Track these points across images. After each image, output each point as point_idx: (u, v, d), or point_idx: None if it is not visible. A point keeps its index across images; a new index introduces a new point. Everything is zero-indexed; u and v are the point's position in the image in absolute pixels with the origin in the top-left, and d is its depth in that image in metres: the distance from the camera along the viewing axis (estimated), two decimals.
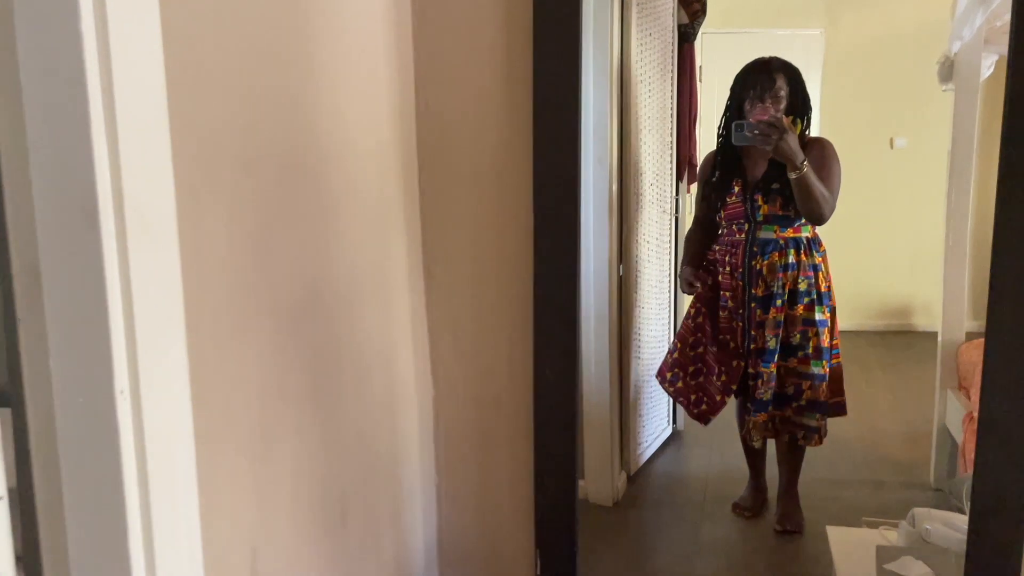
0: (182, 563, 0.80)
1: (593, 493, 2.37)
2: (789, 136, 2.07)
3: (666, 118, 2.68)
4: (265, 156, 1.07)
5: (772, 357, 2.21)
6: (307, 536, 1.19)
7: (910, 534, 1.66)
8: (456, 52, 1.58)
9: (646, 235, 2.58)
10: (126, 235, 0.70)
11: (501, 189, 1.60)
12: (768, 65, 2.24)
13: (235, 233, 1.00)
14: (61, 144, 0.69)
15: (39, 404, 0.75)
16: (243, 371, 1.02)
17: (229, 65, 0.98)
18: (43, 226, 0.71)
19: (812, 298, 2.22)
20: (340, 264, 1.29)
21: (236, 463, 1.00)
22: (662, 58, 2.61)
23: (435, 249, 1.64)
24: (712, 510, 2.38)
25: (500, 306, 1.63)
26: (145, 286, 0.72)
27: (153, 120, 0.74)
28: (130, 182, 0.70)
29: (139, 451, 0.74)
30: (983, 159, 2.16)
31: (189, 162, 0.87)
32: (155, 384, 0.75)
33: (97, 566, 0.77)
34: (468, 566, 1.73)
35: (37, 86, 0.69)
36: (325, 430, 1.24)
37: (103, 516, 0.75)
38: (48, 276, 0.71)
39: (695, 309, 2.39)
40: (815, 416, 2.23)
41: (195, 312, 0.88)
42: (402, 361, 1.57)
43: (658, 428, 2.76)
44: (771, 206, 2.23)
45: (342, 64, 1.30)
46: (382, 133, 1.46)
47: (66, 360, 0.72)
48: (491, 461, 1.69)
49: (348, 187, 1.32)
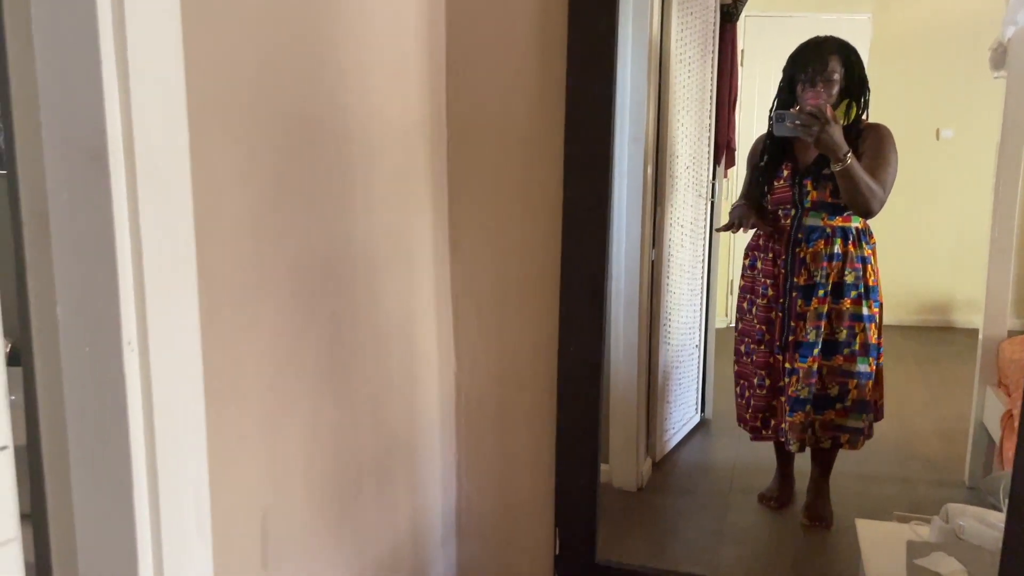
0: (188, 519, 0.79)
1: (617, 478, 2.35)
2: (832, 127, 2.01)
3: (705, 100, 2.63)
4: (285, 112, 1.05)
5: (810, 351, 2.15)
6: (320, 504, 1.17)
7: (943, 530, 1.61)
8: (490, 21, 1.55)
9: (680, 219, 2.53)
10: (136, 181, 0.68)
11: (532, 163, 1.57)
12: (822, 46, 2.17)
13: (252, 189, 0.98)
14: (71, 87, 0.67)
15: (46, 356, 0.74)
16: (257, 334, 1.01)
17: (250, 14, 0.96)
18: (51, 171, 0.69)
19: (860, 292, 2.15)
20: (361, 231, 1.27)
21: (246, 425, 0.99)
22: (703, 39, 2.56)
23: (462, 222, 1.62)
24: (738, 500, 2.34)
25: (527, 282, 1.60)
26: (155, 234, 0.71)
27: (167, 64, 0.72)
28: (141, 126, 0.68)
29: (146, 405, 0.72)
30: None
31: (206, 114, 0.86)
32: (164, 336, 0.73)
33: (102, 522, 0.76)
34: (486, 542, 1.72)
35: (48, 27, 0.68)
36: (341, 398, 1.23)
37: (108, 471, 0.74)
38: (56, 223, 0.70)
39: (743, 304, 2.33)
40: (861, 417, 2.17)
41: (209, 270, 0.86)
42: (424, 334, 1.55)
43: (686, 415, 2.72)
44: (820, 192, 2.16)
45: (370, 26, 1.27)
46: (410, 101, 1.44)
47: (73, 309, 0.70)
48: (512, 438, 1.67)
49: (371, 153, 1.29)
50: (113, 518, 0.74)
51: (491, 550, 1.72)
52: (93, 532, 0.74)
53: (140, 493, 0.73)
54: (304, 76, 1.09)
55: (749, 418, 2.30)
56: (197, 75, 0.81)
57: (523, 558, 1.72)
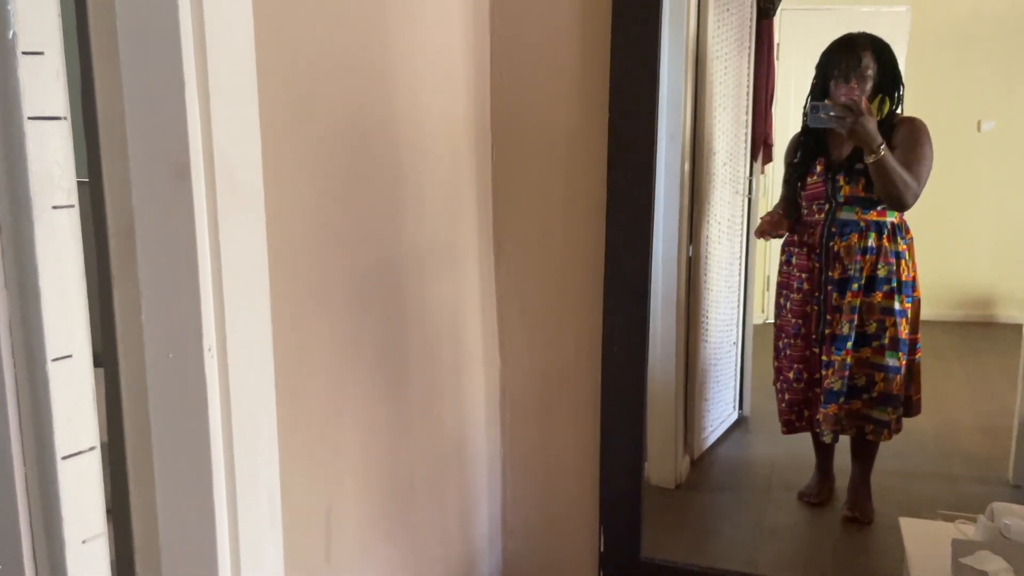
0: (263, 516, 0.82)
1: (656, 475, 2.35)
2: (866, 119, 2.03)
3: (742, 96, 2.62)
4: (343, 125, 1.08)
5: (845, 344, 2.16)
6: (378, 502, 1.21)
7: (988, 529, 1.61)
8: (533, 24, 1.57)
9: (717, 215, 2.53)
10: (216, 196, 0.72)
11: (574, 163, 1.59)
12: (854, 42, 2.18)
13: (313, 200, 1.01)
14: (156, 107, 0.70)
15: (131, 361, 0.78)
16: (318, 338, 1.04)
17: (311, 32, 0.99)
18: (137, 187, 0.73)
19: (892, 286, 2.16)
20: (411, 234, 1.31)
21: (310, 426, 1.02)
22: (739, 34, 2.55)
23: (506, 221, 1.64)
24: (777, 497, 2.34)
25: (569, 280, 1.62)
26: (233, 246, 0.74)
27: (244, 83, 0.75)
28: (221, 144, 0.71)
29: (224, 407, 0.76)
30: None
31: (273, 129, 0.89)
32: (241, 342, 0.77)
33: (184, 516, 0.80)
34: (531, 538, 1.74)
35: (133, 45, 0.71)
36: (394, 399, 1.26)
37: (190, 468, 0.78)
38: (141, 236, 0.73)
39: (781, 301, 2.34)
40: (887, 410, 2.17)
41: (276, 278, 0.90)
42: (470, 333, 1.58)
43: (724, 412, 2.72)
44: (853, 187, 2.17)
45: (418, 34, 1.30)
46: (456, 106, 1.46)
47: (157, 317, 0.74)
48: (557, 436, 1.70)
49: (420, 158, 1.32)
50: (194, 513, 0.78)
51: (536, 548, 1.75)
52: (175, 526, 0.78)
53: (219, 489, 0.76)
54: (360, 88, 1.12)
55: (784, 411, 2.31)
56: (265, 92, 0.84)
57: (568, 556, 1.74)
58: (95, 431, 0.73)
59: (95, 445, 0.73)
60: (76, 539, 0.72)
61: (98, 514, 0.74)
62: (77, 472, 0.71)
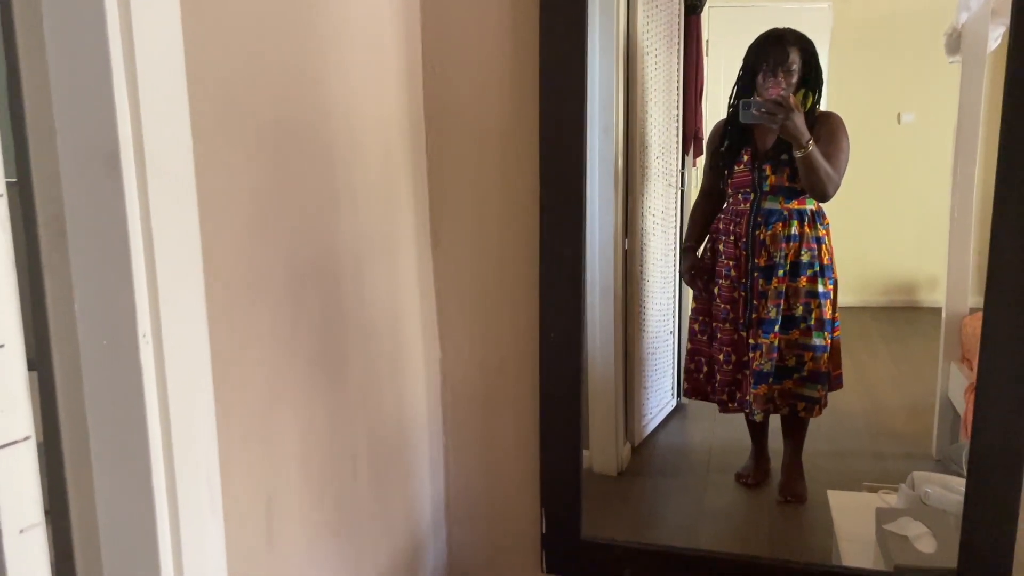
0: (203, 503, 0.83)
1: (597, 463, 2.40)
2: (795, 115, 2.11)
3: (672, 91, 2.68)
4: (273, 118, 1.09)
5: (772, 327, 2.25)
6: (319, 489, 1.22)
7: (909, 497, 1.69)
8: (463, 18, 1.59)
9: (651, 208, 2.59)
10: (147, 184, 0.73)
11: (508, 155, 1.62)
12: (782, 38, 2.26)
13: (247, 193, 1.02)
14: (83, 94, 0.71)
15: (65, 351, 0.78)
16: (255, 328, 1.05)
17: (238, 23, 1.00)
18: (67, 177, 0.73)
19: (815, 270, 2.25)
20: (347, 227, 1.32)
21: (247, 415, 1.03)
22: (668, 30, 2.61)
23: (442, 213, 1.66)
24: (716, 480, 2.40)
25: (506, 271, 1.65)
26: (165, 233, 0.75)
27: (171, 72, 0.76)
28: (150, 130, 0.72)
29: (161, 394, 0.77)
30: (989, 132, 2.16)
31: (202, 121, 0.89)
32: (176, 328, 0.77)
33: (121, 508, 0.80)
34: (475, 524, 1.76)
35: (60, 39, 0.71)
36: (332, 389, 1.27)
37: (127, 457, 0.78)
38: (72, 225, 0.73)
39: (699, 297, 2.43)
40: (816, 387, 2.27)
41: (210, 268, 0.90)
42: (409, 324, 1.59)
43: (662, 401, 2.78)
44: (778, 177, 2.26)
45: (349, 29, 1.31)
46: (389, 98, 1.48)
47: (90, 306, 0.74)
48: (498, 423, 1.72)
49: (353, 151, 1.34)
50: (133, 500, 0.78)
51: (480, 532, 1.77)
52: (114, 515, 0.78)
53: (158, 475, 0.77)
54: (289, 81, 1.13)
55: (716, 392, 2.39)
56: (193, 84, 0.85)
57: (512, 540, 1.77)
58: (29, 420, 0.73)
59: (29, 435, 0.73)
60: (13, 529, 0.72)
61: (35, 503, 0.74)
62: (11, 461, 0.71)
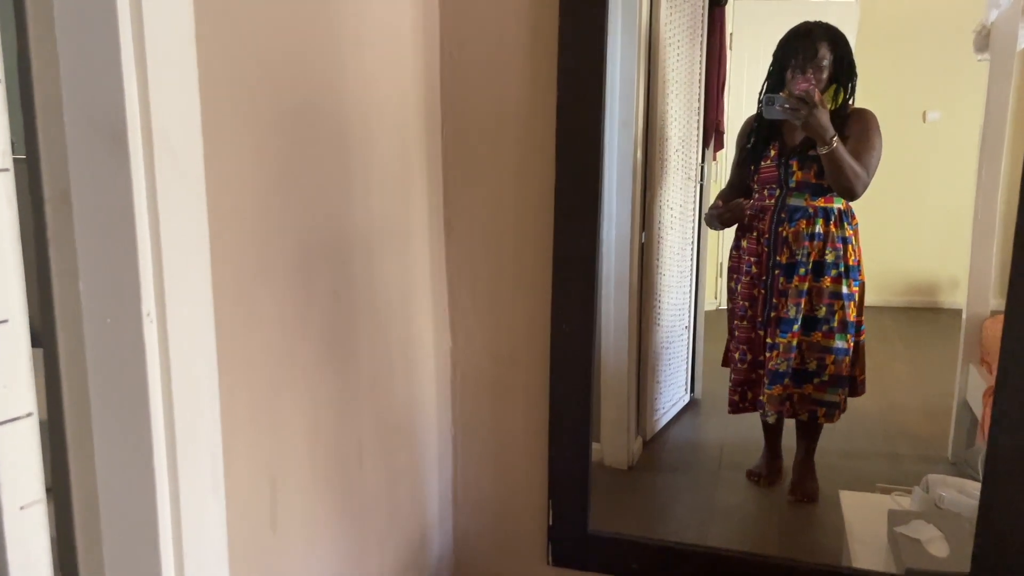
0: (205, 487, 0.83)
1: (608, 456, 2.39)
2: (819, 111, 2.08)
3: (694, 84, 2.66)
4: (289, 101, 1.08)
5: (790, 327, 2.22)
6: (324, 475, 1.22)
7: (923, 500, 1.67)
8: (482, 4, 1.58)
9: (670, 202, 2.57)
10: (154, 161, 0.72)
11: (524, 144, 1.60)
12: (811, 32, 2.23)
13: (258, 173, 1.02)
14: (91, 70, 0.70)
15: (69, 328, 0.78)
16: (263, 310, 1.05)
17: (257, 12, 0.99)
18: (74, 153, 0.73)
19: (840, 271, 2.22)
20: (360, 212, 1.31)
21: (254, 396, 1.03)
22: (692, 23, 2.59)
23: (456, 201, 1.65)
24: (727, 477, 2.39)
25: (519, 260, 1.64)
26: (172, 211, 0.74)
27: (181, 48, 0.76)
28: (158, 107, 0.71)
29: (164, 373, 0.76)
30: (1016, 132, 2.13)
31: (215, 102, 0.89)
32: (180, 308, 0.77)
33: (123, 486, 0.80)
34: (482, 514, 1.76)
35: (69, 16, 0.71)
36: (341, 373, 1.27)
37: (129, 435, 0.78)
38: (78, 201, 0.73)
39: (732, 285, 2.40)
40: (837, 391, 2.23)
41: (219, 249, 0.90)
42: (420, 312, 1.59)
43: (675, 395, 2.76)
44: (805, 173, 2.23)
45: (368, 14, 1.31)
46: (405, 87, 1.47)
47: (95, 282, 0.74)
48: (507, 413, 1.71)
49: (369, 138, 1.33)
50: (134, 479, 0.78)
51: (487, 522, 1.77)
52: (115, 493, 0.78)
53: (159, 453, 0.77)
54: (305, 65, 1.13)
55: (730, 391, 2.36)
56: (206, 65, 0.84)
57: (518, 529, 1.77)
58: (32, 397, 0.73)
59: (32, 411, 0.73)
60: (14, 505, 0.72)
61: (36, 480, 0.74)
62: (13, 437, 0.71)
